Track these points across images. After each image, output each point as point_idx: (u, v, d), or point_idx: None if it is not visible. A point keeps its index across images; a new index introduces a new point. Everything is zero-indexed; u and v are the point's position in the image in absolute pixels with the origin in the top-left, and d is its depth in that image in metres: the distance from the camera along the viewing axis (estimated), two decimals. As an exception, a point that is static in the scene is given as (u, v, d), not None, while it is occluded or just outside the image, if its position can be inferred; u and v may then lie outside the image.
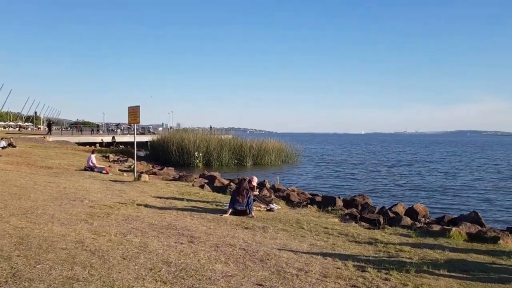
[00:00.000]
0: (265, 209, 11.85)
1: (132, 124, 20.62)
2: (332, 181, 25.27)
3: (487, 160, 47.15)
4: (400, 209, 12.67)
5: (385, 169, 33.44)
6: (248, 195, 10.97)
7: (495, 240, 8.55)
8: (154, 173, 21.03)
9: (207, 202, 12.86)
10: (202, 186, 16.43)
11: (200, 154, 34.17)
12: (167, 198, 12.86)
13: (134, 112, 16.50)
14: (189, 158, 34.12)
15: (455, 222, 10.79)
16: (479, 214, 11.15)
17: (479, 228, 9.50)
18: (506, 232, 8.98)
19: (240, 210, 10.85)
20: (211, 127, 50.94)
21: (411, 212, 11.59)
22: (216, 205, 12.30)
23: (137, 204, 11.22)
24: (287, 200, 13.78)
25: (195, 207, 11.80)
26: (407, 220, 10.56)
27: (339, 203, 13.17)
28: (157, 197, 12.88)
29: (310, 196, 14.89)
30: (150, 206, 11.12)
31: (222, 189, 16.13)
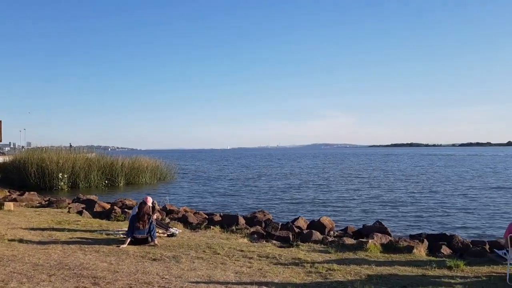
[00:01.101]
0: (165, 235, 10.60)
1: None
2: (216, 198, 24.57)
3: (352, 170, 51.19)
4: (302, 223, 12.50)
5: (264, 183, 33.93)
6: (150, 221, 9.66)
7: (409, 249, 8.71)
8: (15, 200, 17.90)
9: (94, 231, 11.10)
10: (80, 212, 14.33)
11: (65, 176, 30.62)
12: (43, 230, 10.78)
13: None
14: (51, 181, 30.29)
15: (360, 233, 10.91)
16: (383, 223, 11.48)
17: (389, 238, 9.66)
18: (415, 241, 9.24)
19: (140, 238, 9.48)
20: (70, 145, 46.33)
21: (318, 226, 11.44)
22: (107, 234, 10.66)
23: (9, 240, 9.12)
24: (185, 222, 12.66)
25: (82, 238, 10.03)
26: (318, 235, 10.34)
27: (242, 221, 12.49)
28: (31, 229, 10.72)
29: (207, 216, 13.95)
30: (27, 241, 9.11)
31: (104, 215, 14.26)
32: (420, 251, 8.71)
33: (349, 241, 9.67)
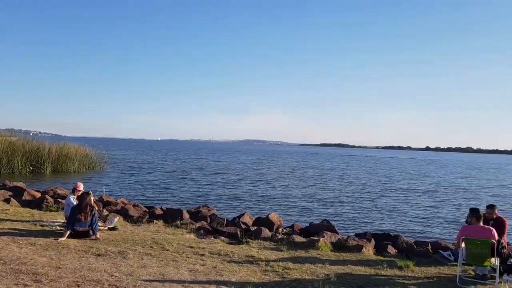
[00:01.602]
0: (106, 228, 9.96)
1: None
2: (152, 191, 23.69)
3: (287, 167, 51.91)
4: (247, 219, 12.33)
5: (201, 177, 33.40)
6: (93, 213, 9.03)
7: (359, 249, 8.86)
8: None
9: (26, 221, 10.22)
10: (7, 201, 13.13)
11: (-16, 160, 28.14)
12: (-34, 219, 9.68)
13: None
14: (-32, 165, 27.74)
15: (307, 231, 10.92)
16: (330, 222, 11.61)
17: (338, 236, 9.77)
18: (363, 240, 9.41)
19: (81, 231, 8.83)
20: (-13, 128, 42.71)
21: (266, 223, 11.32)
22: (41, 226, 9.83)
23: None
24: (125, 215, 11.98)
25: (14, 229, 9.17)
26: (267, 232, 10.24)
27: (186, 215, 12.07)
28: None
29: (147, 209, 13.35)
30: None
31: (34, 204, 13.19)
32: (369, 251, 8.90)
33: (298, 239, 9.66)
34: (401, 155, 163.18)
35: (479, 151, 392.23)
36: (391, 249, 9.24)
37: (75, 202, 9.86)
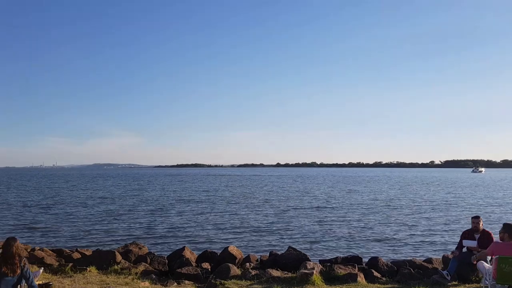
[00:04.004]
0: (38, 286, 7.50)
1: None
2: (31, 231, 19.49)
3: (163, 191, 48.98)
4: (188, 254, 10.70)
5: (72, 208, 29.29)
6: (24, 265, 6.70)
7: (353, 278, 8.17)
8: None
9: None
10: None
11: None
12: None
13: None
14: None
15: (277, 262, 9.71)
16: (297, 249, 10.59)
17: (320, 266, 8.90)
18: (348, 267, 8.72)
19: (7, 293, 6.42)
20: None
21: (227, 257, 9.82)
22: None
23: None
24: (41, 264, 9.40)
25: None
26: (235, 270, 8.89)
27: (119, 257, 9.94)
28: None
29: (56, 254, 10.73)
30: None
31: None
32: (362, 279, 8.25)
33: (275, 273, 8.57)
34: (263, 172, 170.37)
35: (322, 165, 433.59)
36: (377, 274, 8.74)
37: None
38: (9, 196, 40.55)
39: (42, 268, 8.54)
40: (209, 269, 9.46)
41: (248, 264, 9.66)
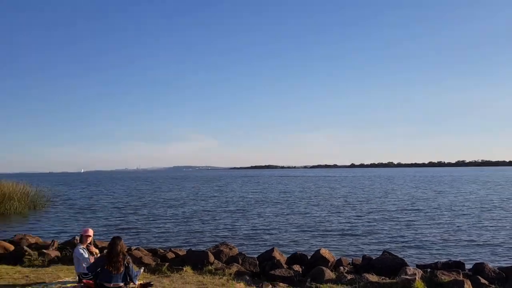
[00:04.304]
0: (136, 285, 7.84)
1: None
2: (127, 231, 20.66)
3: (248, 193, 50.01)
4: (278, 256, 10.65)
5: (160, 211, 30.70)
6: (128, 264, 7.03)
7: (460, 285, 7.60)
8: None
9: (25, 286, 7.79)
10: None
11: None
12: None
13: None
14: None
15: (370, 265, 9.41)
16: (392, 253, 10.22)
17: (421, 272, 8.44)
18: (453, 273, 8.17)
19: (113, 288, 6.78)
20: None
21: (319, 260, 9.69)
22: (47, 289, 7.52)
23: None
24: (139, 264, 9.84)
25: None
26: (329, 273, 8.69)
27: (211, 258, 10.16)
28: None
29: (151, 254, 11.18)
30: None
31: (11, 258, 10.60)
32: (470, 286, 7.66)
33: (372, 278, 8.23)
34: (337, 173, 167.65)
35: (400, 165, 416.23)
36: (484, 281, 8.09)
37: (86, 254, 7.81)
38: (101, 198, 43.53)
39: (143, 268, 8.92)
40: (301, 272, 9.33)
41: (342, 268, 9.41)
